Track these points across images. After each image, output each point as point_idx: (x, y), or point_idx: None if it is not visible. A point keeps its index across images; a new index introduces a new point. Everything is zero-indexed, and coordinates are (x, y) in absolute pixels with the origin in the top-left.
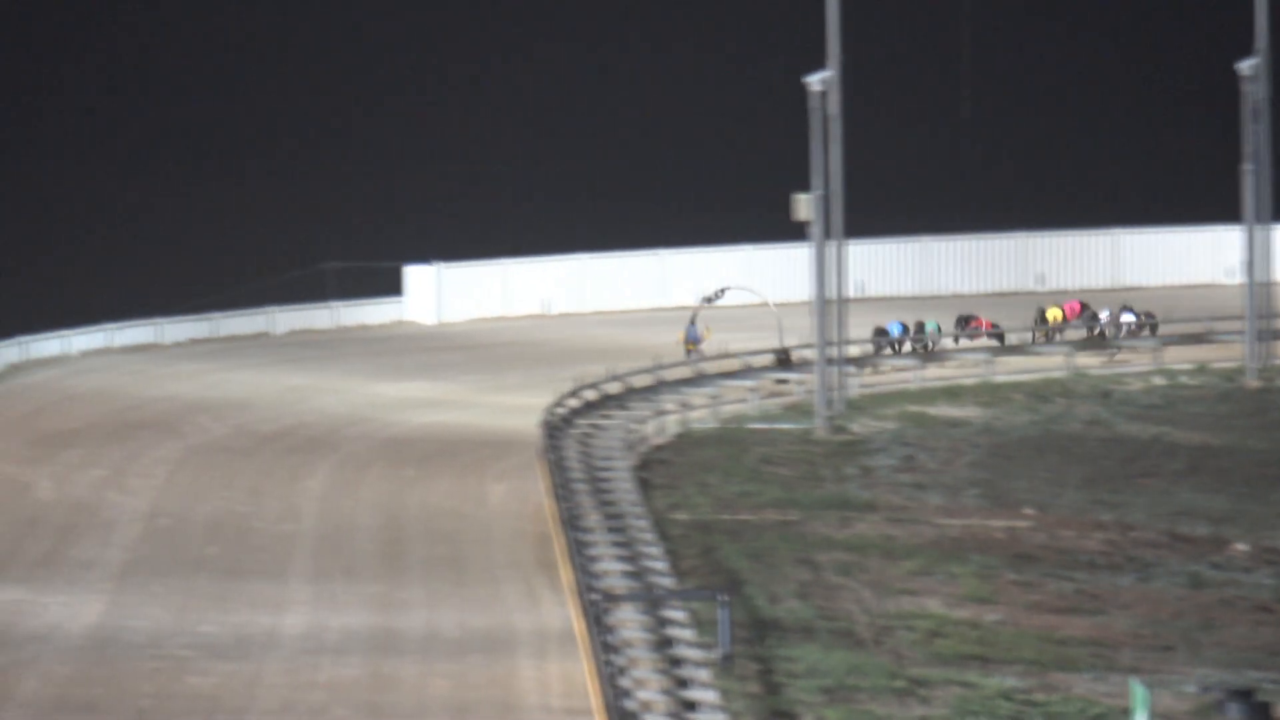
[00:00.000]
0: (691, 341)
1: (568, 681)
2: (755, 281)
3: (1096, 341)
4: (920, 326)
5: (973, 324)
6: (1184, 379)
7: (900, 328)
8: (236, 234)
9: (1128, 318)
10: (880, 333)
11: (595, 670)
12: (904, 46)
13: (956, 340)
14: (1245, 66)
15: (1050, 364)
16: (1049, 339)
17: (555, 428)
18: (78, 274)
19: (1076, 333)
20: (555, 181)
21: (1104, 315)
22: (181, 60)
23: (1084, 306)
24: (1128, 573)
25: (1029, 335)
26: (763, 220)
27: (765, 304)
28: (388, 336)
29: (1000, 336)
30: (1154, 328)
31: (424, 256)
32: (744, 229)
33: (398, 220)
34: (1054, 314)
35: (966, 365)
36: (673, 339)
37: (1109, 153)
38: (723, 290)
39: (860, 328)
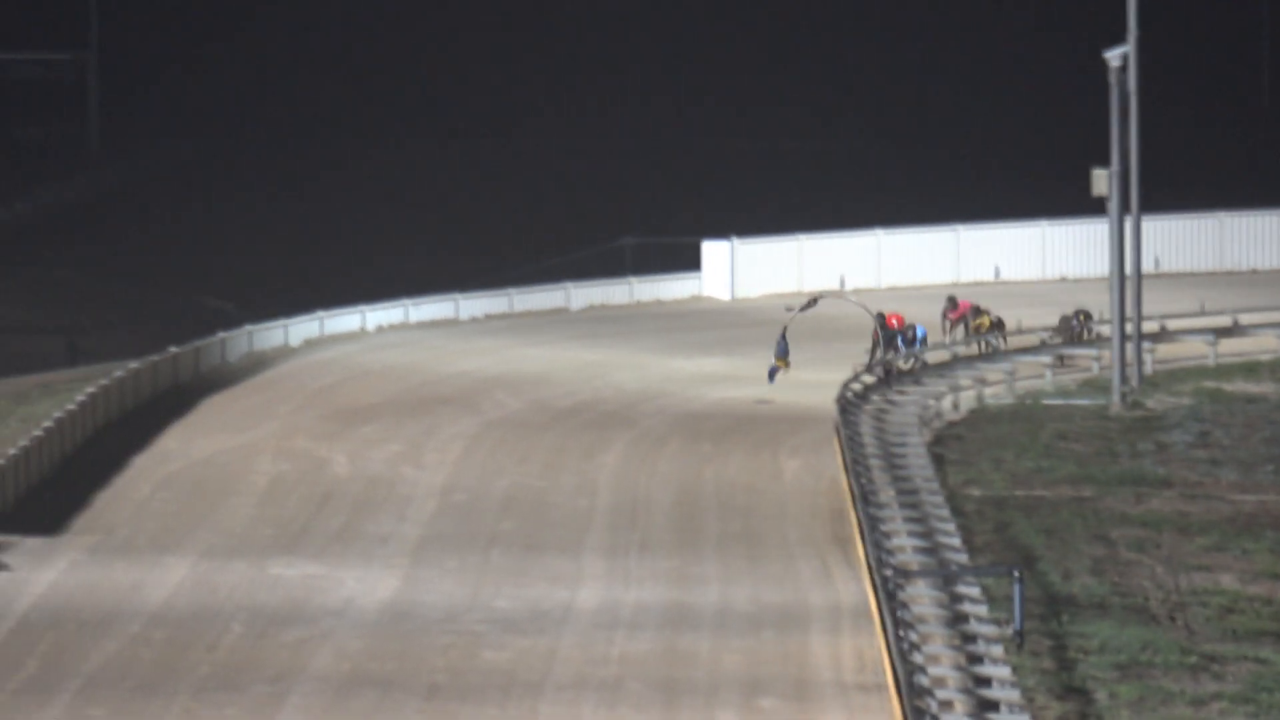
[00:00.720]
0: (781, 358)
1: (860, 657)
2: (1049, 257)
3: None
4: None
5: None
6: None
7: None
8: (533, 210)
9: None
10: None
11: (888, 646)
12: (1202, 19)
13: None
14: None
15: None
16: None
17: (850, 403)
18: (376, 250)
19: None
20: (850, 158)
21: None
22: (482, 32)
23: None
24: None
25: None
26: (1058, 195)
27: (861, 306)
28: (684, 312)
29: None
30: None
31: (720, 232)
32: (1039, 204)
33: (695, 196)
34: (983, 320)
35: (1265, 341)
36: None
37: None
38: (814, 300)
39: (1154, 303)
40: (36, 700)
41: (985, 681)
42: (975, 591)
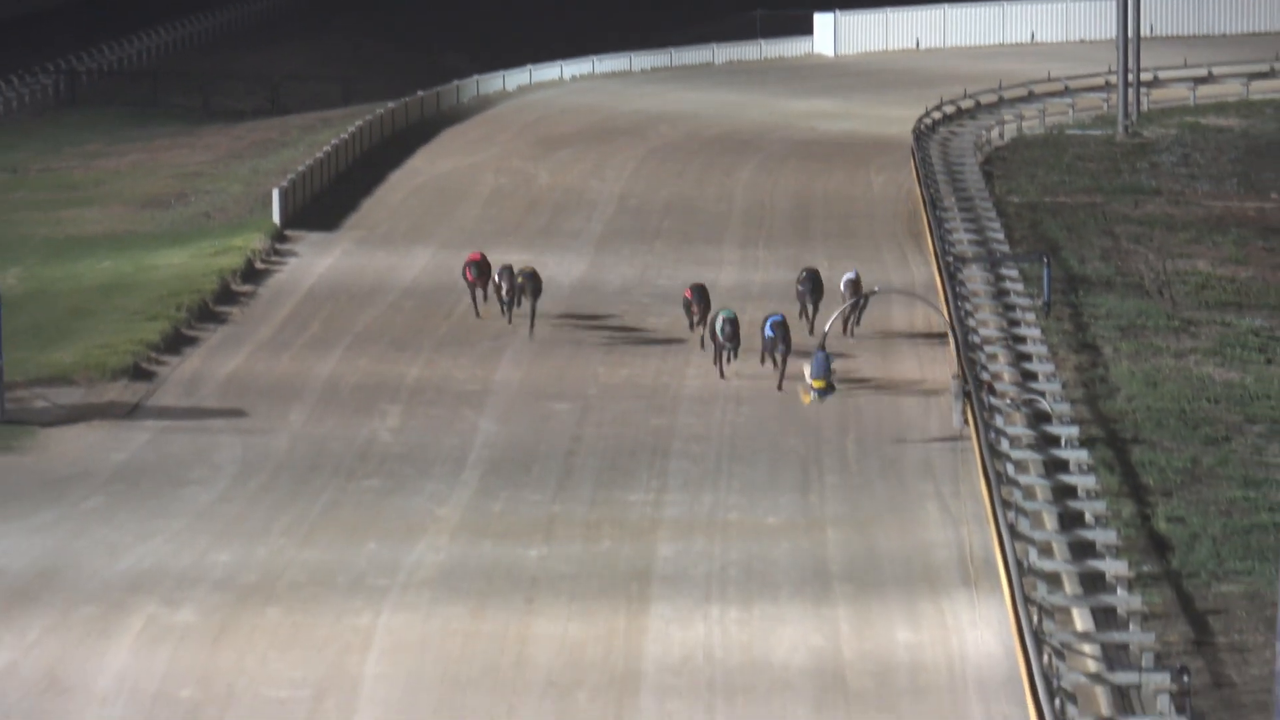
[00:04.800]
0: (820, 378)
1: (929, 320)
2: (1073, 25)
3: None
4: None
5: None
6: None
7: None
8: None
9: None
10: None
11: (949, 312)
12: None
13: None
14: None
15: None
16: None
17: (922, 133)
18: (568, 18)
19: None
20: None
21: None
22: None
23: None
24: None
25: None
26: None
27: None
28: (799, 66)
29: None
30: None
31: (827, 6)
32: None
33: None
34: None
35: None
36: (1008, 68)
37: None
38: (873, 291)
39: (1149, 59)
40: (319, 352)
41: (1021, 339)
42: (1014, 273)
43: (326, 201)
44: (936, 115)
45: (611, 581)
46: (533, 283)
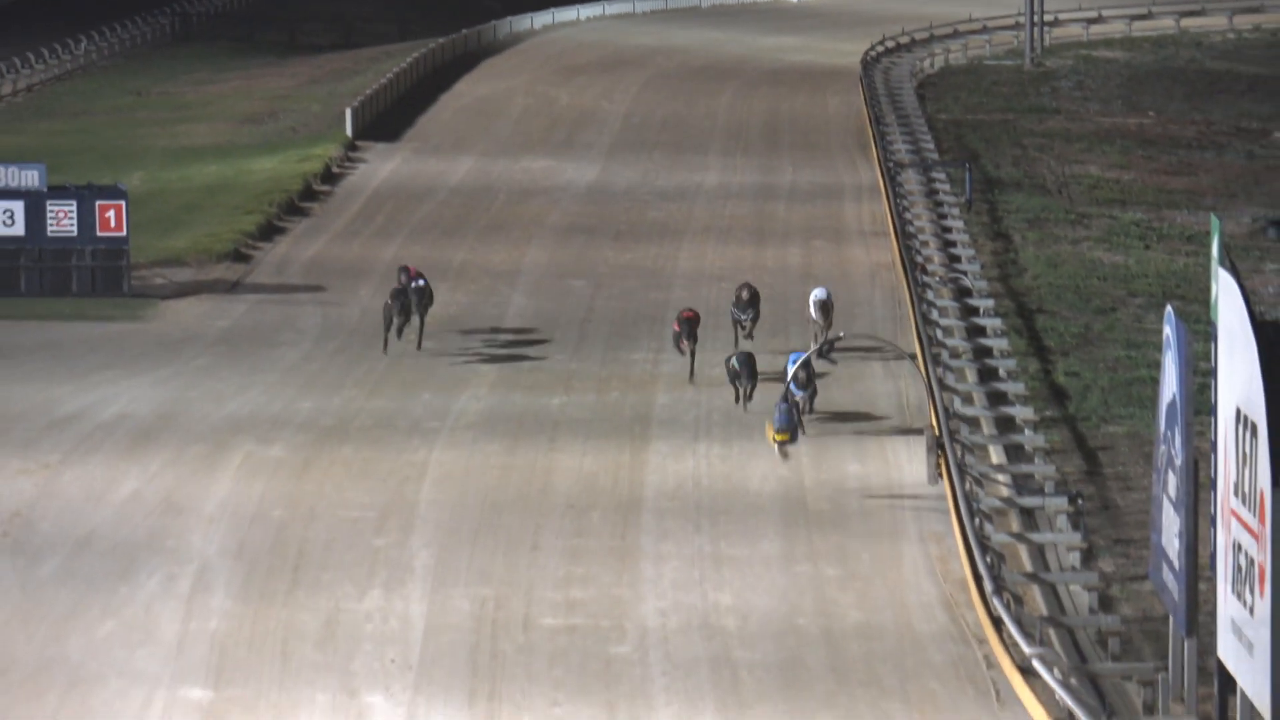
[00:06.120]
0: (783, 430)
1: (873, 216)
2: None
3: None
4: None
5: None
6: (1247, 35)
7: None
8: None
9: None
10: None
11: (890, 208)
12: None
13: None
14: None
15: (1166, 25)
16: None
17: (868, 64)
18: None
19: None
20: None
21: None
22: None
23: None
24: (1210, 151)
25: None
26: None
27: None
28: (768, 10)
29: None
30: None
31: None
32: None
33: None
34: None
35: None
36: (938, 11)
37: None
38: (838, 338)
39: (1051, 5)
40: (383, 240)
41: (948, 230)
42: (942, 176)
43: (389, 118)
44: (880, 49)
45: (618, 425)
46: (421, 297)
